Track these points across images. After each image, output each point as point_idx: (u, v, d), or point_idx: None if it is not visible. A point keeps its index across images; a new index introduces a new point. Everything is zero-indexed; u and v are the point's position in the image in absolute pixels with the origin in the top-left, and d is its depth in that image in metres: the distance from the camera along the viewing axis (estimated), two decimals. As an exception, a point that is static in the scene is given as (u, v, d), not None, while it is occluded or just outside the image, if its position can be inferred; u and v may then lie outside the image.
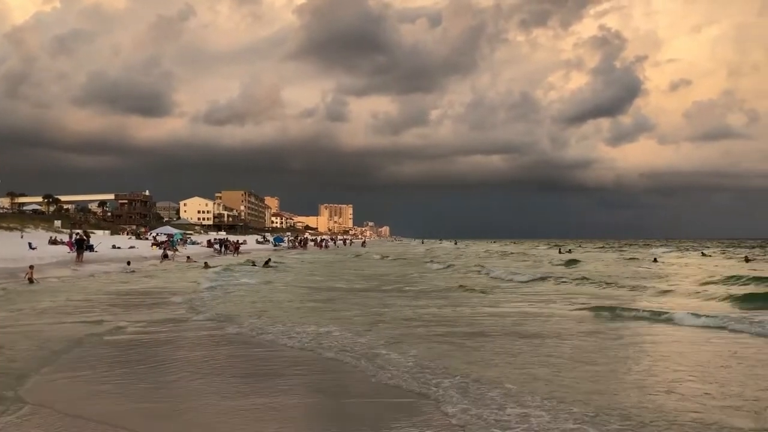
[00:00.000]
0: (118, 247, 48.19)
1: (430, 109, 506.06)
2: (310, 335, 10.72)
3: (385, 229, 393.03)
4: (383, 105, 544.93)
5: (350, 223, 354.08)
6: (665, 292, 20.46)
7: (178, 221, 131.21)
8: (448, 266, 37.61)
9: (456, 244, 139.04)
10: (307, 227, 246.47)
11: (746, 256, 54.58)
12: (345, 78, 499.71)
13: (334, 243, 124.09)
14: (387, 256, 55.77)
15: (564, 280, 25.35)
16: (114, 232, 77.46)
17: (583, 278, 25.28)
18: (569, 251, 73.19)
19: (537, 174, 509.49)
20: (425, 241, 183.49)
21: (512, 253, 68.48)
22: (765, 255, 59.54)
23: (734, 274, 27.00)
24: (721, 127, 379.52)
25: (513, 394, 6.80)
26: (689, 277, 27.89)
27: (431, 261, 45.28)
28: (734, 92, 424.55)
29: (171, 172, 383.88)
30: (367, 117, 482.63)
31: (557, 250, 76.04)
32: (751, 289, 20.73)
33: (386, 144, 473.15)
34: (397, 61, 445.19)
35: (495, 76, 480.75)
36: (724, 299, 17.70)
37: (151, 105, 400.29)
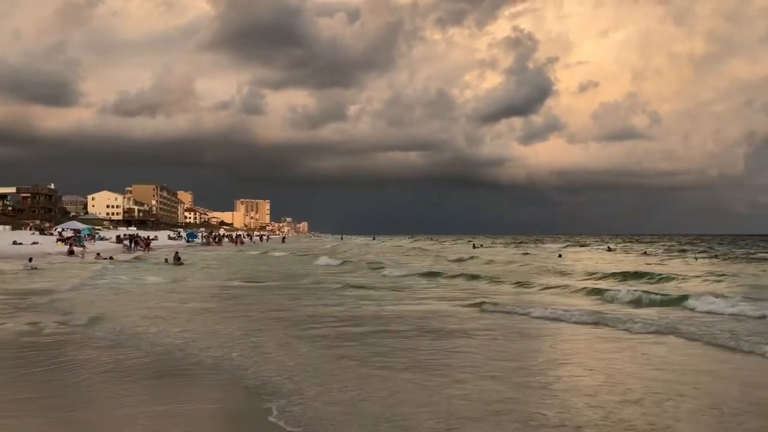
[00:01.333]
0: (20, 243, 45.78)
1: (348, 104, 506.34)
2: (180, 338, 10.31)
3: (304, 225, 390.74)
4: (301, 99, 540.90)
5: (267, 219, 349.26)
6: (547, 287, 21.18)
7: (86, 216, 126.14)
8: (344, 262, 37.78)
9: (374, 239, 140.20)
10: (222, 223, 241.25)
11: (645, 251, 58.82)
12: (261, 70, 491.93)
13: (251, 239, 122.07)
14: (305, 252, 55.56)
15: (452, 275, 26.22)
16: (15, 228, 73.44)
17: (474, 276, 25.69)
18: (481, 246, 76.66)
19: (453, 171, 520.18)
20: (344, 237, 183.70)
21: (421, 248, 69.64)
22: (658, 250, 63.50)
23: (626, 269, 28.84)
24: (625, 128, 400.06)
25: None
26: (585, 271, 29.23)
27: (328, 256, 44.83)
28: (638, 95, 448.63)
29: (78, 164, 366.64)
30: (284, 110, 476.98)
31: (471, 246, 78.66)
32: (640, 285, 22.01)
33: (304, 138, 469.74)
34: (314, 54, 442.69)
35: (412, 73, 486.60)
36: (594, 294, 18.47)
37: (56, 94, 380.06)
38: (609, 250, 65.94)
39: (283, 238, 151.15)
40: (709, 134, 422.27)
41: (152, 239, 64.04)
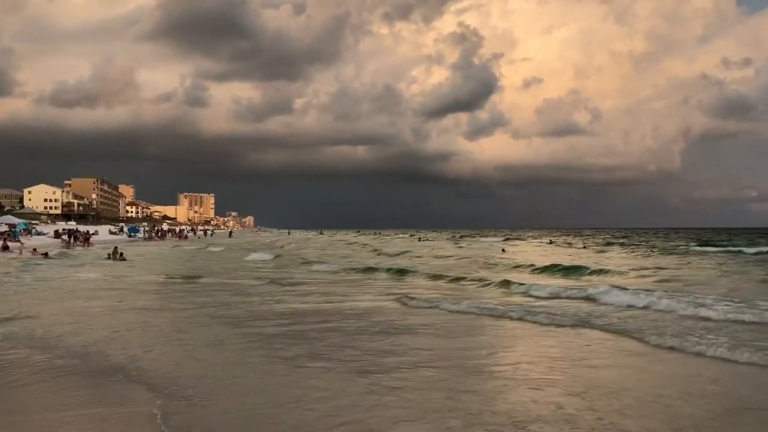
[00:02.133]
0: (-52, 240, 44.05)
1: (294, 97, 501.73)
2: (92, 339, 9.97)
3: (249, 219, 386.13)
4: (246, 91, 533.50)
5: (212, 213, 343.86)
6: (481, 281, 21.56)
7: (22, 210, 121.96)
8: (277, 257, 37.77)
9: (321, 234, 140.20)
10: (166, 217, 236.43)
11: (584, 245, 60.68)
12: (205, 62, 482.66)
13: (194, 233, 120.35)
14: (244, 247, 54.84)
15: (385, 269, 26.42)
16: (-56, 223, 70.36)
17: (407, 270, 25.95)
18: (427, 239, 77.73)
19: (401, 165, 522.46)
20: (291, 231, 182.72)
21: (363, 243, 69.80)
22: (592, 242, 65.77)
23: (562, 262, 29.71)
24: (568, 124, 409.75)
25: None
26: (523, 264, 29.92)
27: (262, 251, 44.55)
28: (580, 91, 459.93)
29: (13, 157, 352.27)
30: (228, 103, 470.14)
31: (417, 239, 79.74)
32: (569, 280, 22.93)
33: (249, 131, 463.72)
34: (259, 46, 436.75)
35: (359, 67, 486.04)
36: (521, 289, 18.79)
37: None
38: (550, 242, 68.03)
39: (230, 232, 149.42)
40: (647, 130, 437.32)
41: (92, 234, 62.57)
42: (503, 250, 49.36)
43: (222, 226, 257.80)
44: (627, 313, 13.13)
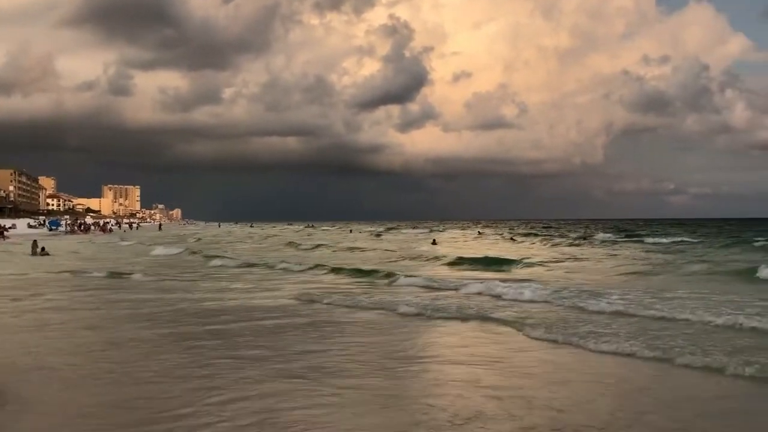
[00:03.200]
0: None
1: (223, 87, 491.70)
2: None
3: (177, 212, 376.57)
4: (172, 80, 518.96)
5: (138, 206, 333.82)
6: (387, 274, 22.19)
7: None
8: (185, 251, 37.30)
9: (252, 226, 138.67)
10: (89, 210, 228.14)
11: (512, 237, 62.90)
12: (129, 50, 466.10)
13: (119, 226, 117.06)
14: (156, 242, 53.33)
15: (296, 263, 26.22)
16: None
17: (316, 265, 25.66)
18: (360, 232, 78.85)
19: (332, 157, 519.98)
20: (222, 224, 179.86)
21: (281, 236, 69.60)
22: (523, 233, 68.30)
23: (488, 254, 30.88)
24: (496, 118, 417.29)
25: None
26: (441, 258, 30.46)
27: (169, 245, 43.69)
28: (508, 86, 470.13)
29: None
30: (154, 92, 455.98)
31: (348, 231, 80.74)
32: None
33: (176, 121, 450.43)
34: (186, 35, 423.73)
35: (290, 57, 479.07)
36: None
37: None
38: (480, 234, 69.98)
39: (160, 225, 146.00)
40: (572, 124, 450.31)
41: (9, 228, 60.24)
42: (434, 241, 50.12)
43: (149, 219, 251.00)
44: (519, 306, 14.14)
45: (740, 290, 15.63)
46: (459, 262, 27.35)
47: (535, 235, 64.05)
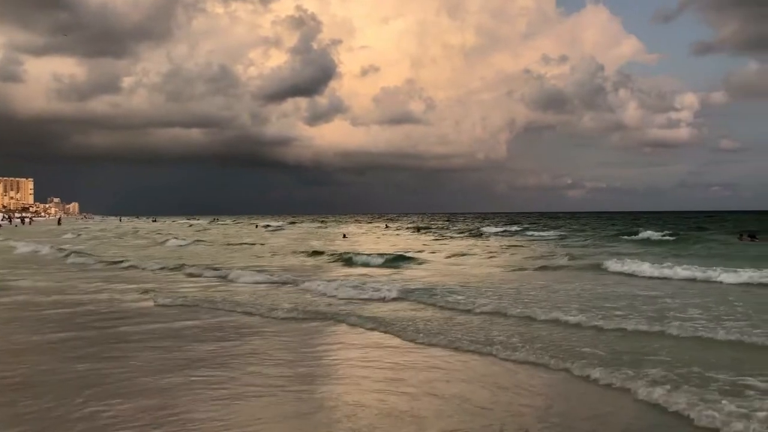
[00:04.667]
0: None
1: (122, 76, 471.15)
2: None
3: (74, 206, 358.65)
4: (68, 67, 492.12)
5: (31, 199, 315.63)
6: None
7: None
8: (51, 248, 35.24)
9: (155, 221, 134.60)
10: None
11: (418, 227, 65.16)
12: (19, 34, 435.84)
13: (10, 221, 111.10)
14: (39, 240, 51.32)
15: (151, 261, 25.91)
16: None
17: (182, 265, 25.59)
18: (268, 226, 78.82)
19: (239, 150, 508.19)
20: (123, 218, 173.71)
21: (167, 231, 68.64)
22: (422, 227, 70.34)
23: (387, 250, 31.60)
24: (404, 113, 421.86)
25: None
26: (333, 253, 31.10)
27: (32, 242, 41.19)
28: (415, 81, 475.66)
29: None
30: (48, 79, 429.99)
31: (255, 226, 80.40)
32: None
33: (72, 111, 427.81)
34: (82, 20, 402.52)
35: (193, 46, 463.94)
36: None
37: None
38: (387, 227, 71.71)
39: (59, 219, 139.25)
40: (477, 121, 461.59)
41: None
42: (344, 235, 50.79)
43: (43, 213, 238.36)
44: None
45: (577, 281, 17.24)
46: (338, 257, 27.77)
47: (428, 229, 66.08)
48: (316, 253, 30.05)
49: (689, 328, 9.92)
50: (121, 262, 25.61)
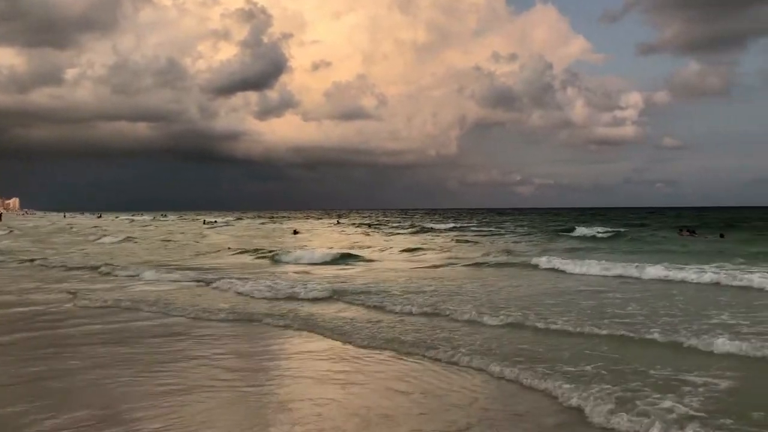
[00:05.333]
0: None
1: (65, 67, 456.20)
2: None
3: (15, 201, 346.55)
4: (6, 58, 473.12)
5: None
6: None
7: None
8: None
9: (100, 217, 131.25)
10: None
11: (369, 224, 64.96)
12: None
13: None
14: None
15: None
16: None
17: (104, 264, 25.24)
18: (215, 222, 77.75)
19: (187, 144, 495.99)
20: (67, 214, 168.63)
21: (103, 228, 67.01)
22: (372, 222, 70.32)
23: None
24: (355, 108, 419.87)
25: None
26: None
27: None
28: (367, 77, 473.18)
29: None
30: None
31: (203, 221, 79.15)
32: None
33: (11, 103, 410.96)
34: (22, 8, 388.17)
35: (139, 38, 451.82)
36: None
37: None
38: (338, 223, 71.41)
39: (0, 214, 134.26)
40: (428, 117, 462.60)
41: None
42: (295, 231, 50.46)
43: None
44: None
45: (509, 280, 17.26)
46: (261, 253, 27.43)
47: (378, 225, 66.00)
48: (257, 250, 29.39)
49: (597, 325, 9.83)
50: (39, 260, 24.64)
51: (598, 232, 41.77)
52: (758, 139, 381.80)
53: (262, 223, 77.27)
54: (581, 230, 44.39)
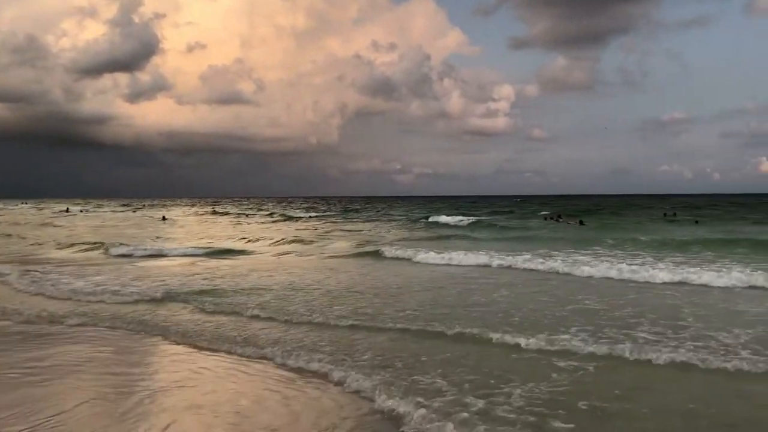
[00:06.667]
0: None
1: None
2: None
3: None
4: None
5: None
6: None
7: None
8: None
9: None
10: None
11: (247, 214, 63.64)
12: None
13: None
14: None
15: None
16: None
17: None
18: (82, 212, 75.05)
19: (51, 128, 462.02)
20: None
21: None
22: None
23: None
24: (232, 93, 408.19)
25: None
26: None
27: None
28: (245, 61, 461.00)
29: None
30: None
31: (65, 210, 76.60)
32: None
33: None
34: None
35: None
36: None
37: None
38: (214, 212, 69.03)
39: None
40: (308, 104, 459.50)
41: None
42: (164, 218, 50.24)
43: None
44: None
45: (351, 269, 17.04)
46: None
47: (235, 213, 64.59)
48: (95, 243, 27.28)
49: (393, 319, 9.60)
50: None
51: (461, 221, 42.85)
52: (617, 132, 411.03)
53: (125, 211, 73.33)
54: (442, 218, 45.78)
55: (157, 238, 30.56)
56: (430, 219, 46.16)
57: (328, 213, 63.83)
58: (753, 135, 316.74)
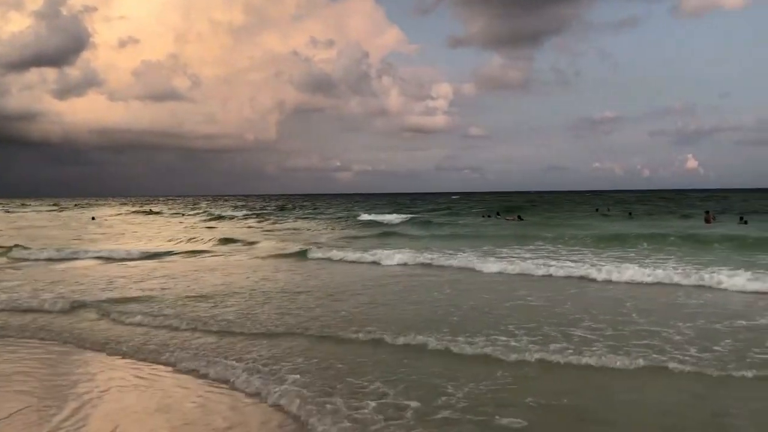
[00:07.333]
0: None
1: None
2: None
3: None
4: None
5: None
6: None
7: None
8: None
9: None
10: None
11: (183, 214, 62.28)
12: None
13: None
14: None
15: None
16: None
17: None
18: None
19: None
20: None
21: None
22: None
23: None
24: (167, 89, 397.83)
25: None
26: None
27: None
28: (180, 57, 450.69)
29: None
30: None
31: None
32: None
33: None
34: None
35: None
36: None
37: None
38: (151, 212, 67.32)
39: None
40: (245, 101, 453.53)
41: None
42: (93, 218, 49.88)
43: None
44: None
45: (274, 271, 16.76)
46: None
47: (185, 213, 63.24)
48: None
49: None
50: None
51: (394, 219, 42.91)
52: (551, 130, 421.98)
53: (52, 211, 70.59)
54: (369, 216, 46.21)
55: (75, 240, 29.40)
56: (361, 217, 46.24)
57: (262, 212, 63.03)
58: (680, 133, 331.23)
